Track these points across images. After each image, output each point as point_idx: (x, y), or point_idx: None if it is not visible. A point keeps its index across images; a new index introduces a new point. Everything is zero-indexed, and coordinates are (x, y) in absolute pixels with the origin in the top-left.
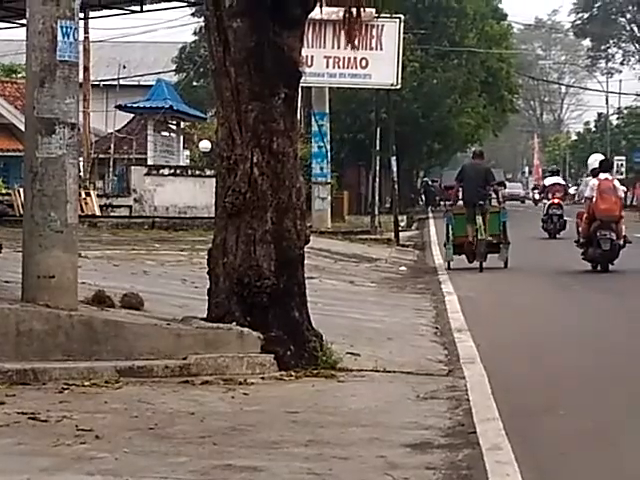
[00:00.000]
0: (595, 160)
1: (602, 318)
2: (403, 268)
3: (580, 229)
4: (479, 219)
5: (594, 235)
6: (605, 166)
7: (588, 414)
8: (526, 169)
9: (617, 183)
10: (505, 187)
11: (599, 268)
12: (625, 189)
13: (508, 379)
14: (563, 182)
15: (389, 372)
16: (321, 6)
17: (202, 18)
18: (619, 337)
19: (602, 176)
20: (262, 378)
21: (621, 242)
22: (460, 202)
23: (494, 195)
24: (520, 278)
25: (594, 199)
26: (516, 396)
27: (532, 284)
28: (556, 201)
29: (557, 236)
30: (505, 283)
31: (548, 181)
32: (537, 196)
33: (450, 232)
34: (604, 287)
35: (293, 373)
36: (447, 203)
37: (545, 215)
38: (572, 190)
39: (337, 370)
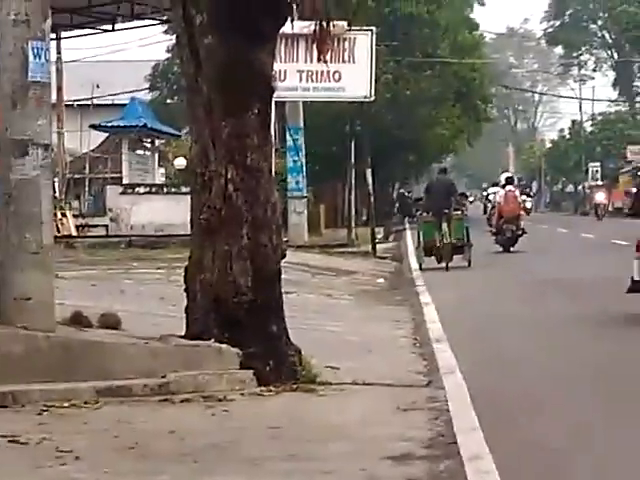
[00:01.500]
0: (503, 177)
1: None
2: (381, 280)
3: (492, 224)
4: (444, 225)
5: (501, 227)
6: (509, 181)
7: (569, 422)
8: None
9: (517, 193)
10: (467, 197)
11: (504, 249)
12: (525, 198)
13: (488, 388)
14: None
15: (369, 385)
16: (292, 21)
17: (174, 35)
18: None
19: (507, 188)
20: (242, 394)
21: (519, 232)
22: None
23: (457, 205)
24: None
25: (501, 204)
26: (496, 405)
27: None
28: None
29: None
30: (477, 288)
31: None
32: None
33: (421, 237)
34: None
35: (273, 388)
36: (418, 213)
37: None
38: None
39: (317, 384)
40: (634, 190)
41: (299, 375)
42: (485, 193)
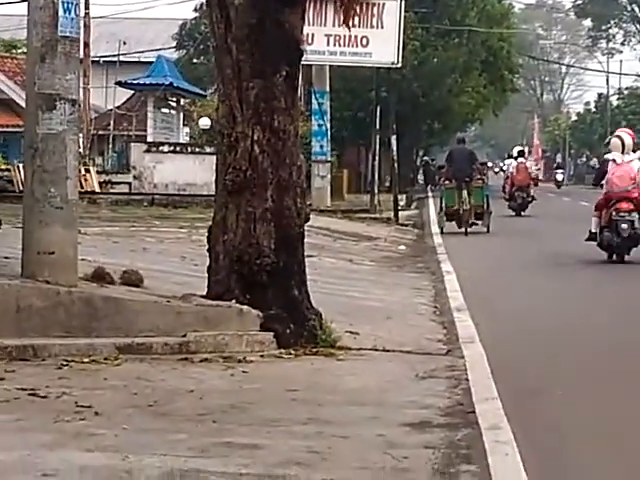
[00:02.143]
0: (516, 150)
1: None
2: (402, 247)
3: (506, 191)
4: (465, 193)
5: (513, 194)
6: (521, 154)
7: (587, 395)
8: (526, 149)
9: (528, 164)
10: (488, 167)
11: (516, 214)
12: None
13: (507, 359)
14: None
15: (388, 351)
16: None
17: None
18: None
19: (519, 160)
20: (261, 356)
21: (529, 199)
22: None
23: (478, 174)
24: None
25: (514, 174)
26: (515, 376)
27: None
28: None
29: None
30: (497, 258)
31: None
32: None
33: (443, 203)
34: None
35: (292, 351)
36: (441, 180)
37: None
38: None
39: (336, 349)
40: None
41: (319, 339)
42: (501, 164)
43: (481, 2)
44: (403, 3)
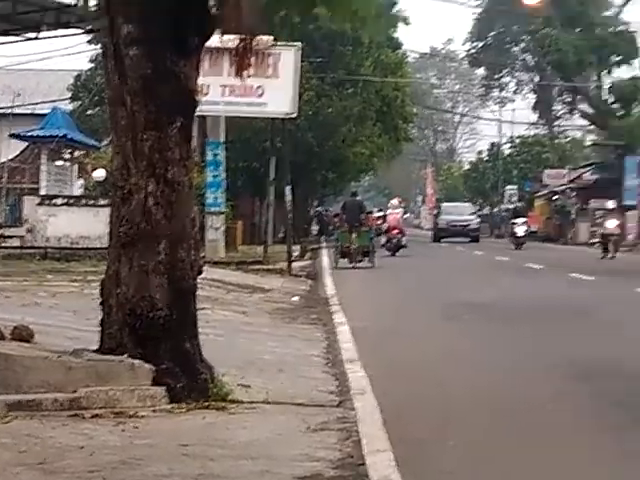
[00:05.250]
0: (393, 202)
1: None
2: (296, 298)
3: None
4: (354, 235)
5: (389, 239)
6: (396, 205)
7: (478, 445)
8: (419, 198)
9: (401, 213)
10: (372, 213)
11: (392, 254)
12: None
13: (400, 409)
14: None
15: (280, 404)
16: (220, 33)
17: (98, 45)
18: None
19: (397, 210)
20: (153, 411)
21: (402, 244)
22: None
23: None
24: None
25: (390, 221)
26: (408, 427)
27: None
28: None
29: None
30: (389, 306)
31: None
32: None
33: (338, 243)
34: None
35: (184, 405)
36: (337, 225)
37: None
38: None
39: (228, 402)
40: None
41: (211, 393)
42: (382, 213)
43: (376, 52)
44: (300, 53)
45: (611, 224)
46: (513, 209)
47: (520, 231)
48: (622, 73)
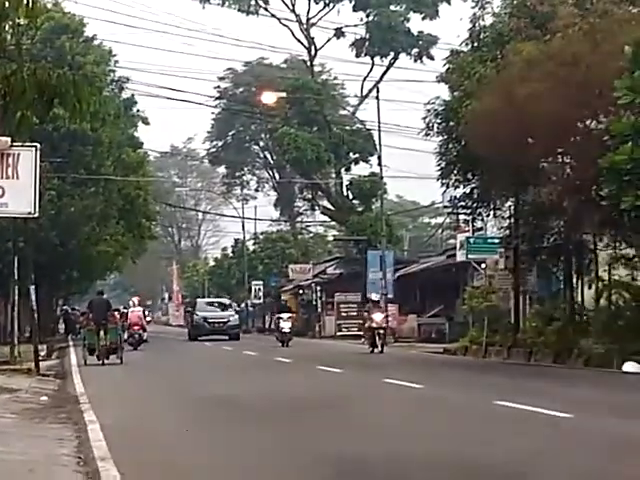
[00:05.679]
0: (132, 300)
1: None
2: (44, 398)
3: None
4: (102, 332)
5: (131, 333)
6: (135, 304)
7: None
8: (166, 295)
9: (142, 311)
10: (119, 311)
11: (134, 348)
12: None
13: None
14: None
15: None
16: None
17: None
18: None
19: (137, 308)
20: None
21: (143, 338)
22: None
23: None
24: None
25: (130, 318)
26: None
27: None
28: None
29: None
30: (139, 401)
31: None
32: None
33: (85, 341)
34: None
35: None
36: (84, 324)
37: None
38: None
39: None
40: None
41: None
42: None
43: (116, 151)
44: (38, 153)
45: (378, 317)
46: (278, 303)
47: (286, 326)
48: (360, 170)
